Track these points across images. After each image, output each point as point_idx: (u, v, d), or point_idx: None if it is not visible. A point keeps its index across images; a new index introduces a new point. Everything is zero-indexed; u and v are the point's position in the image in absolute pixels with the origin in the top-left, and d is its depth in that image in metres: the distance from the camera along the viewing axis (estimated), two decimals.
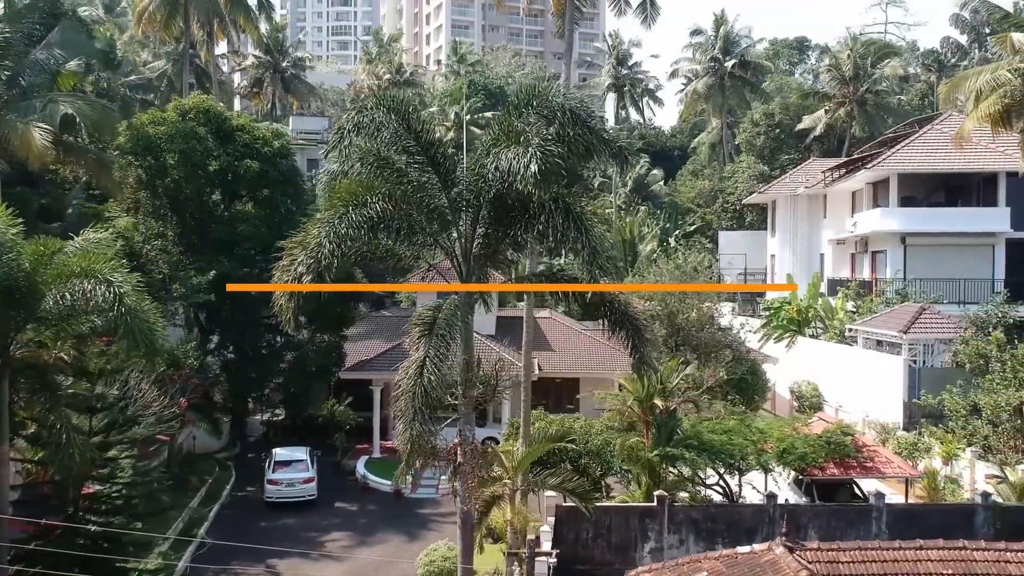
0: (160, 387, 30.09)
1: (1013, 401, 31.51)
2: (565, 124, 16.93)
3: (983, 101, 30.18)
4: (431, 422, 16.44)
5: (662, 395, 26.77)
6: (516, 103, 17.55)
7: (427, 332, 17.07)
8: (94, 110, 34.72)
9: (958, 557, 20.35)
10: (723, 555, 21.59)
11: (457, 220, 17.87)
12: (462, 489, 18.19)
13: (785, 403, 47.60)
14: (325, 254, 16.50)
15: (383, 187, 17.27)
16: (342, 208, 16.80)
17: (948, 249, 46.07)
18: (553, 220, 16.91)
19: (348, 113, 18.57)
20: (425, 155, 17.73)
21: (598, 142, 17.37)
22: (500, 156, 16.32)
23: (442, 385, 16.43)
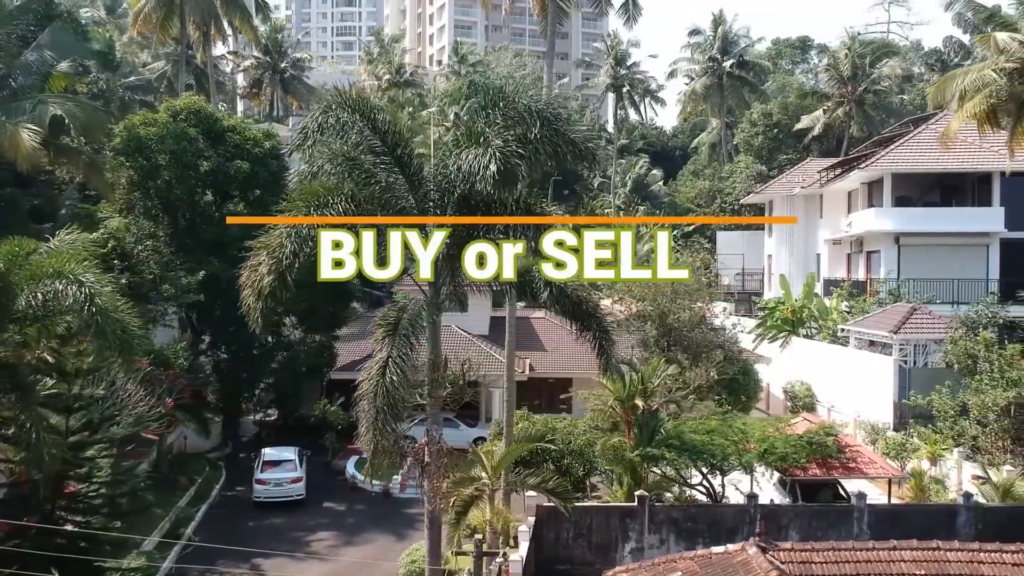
0: (147, 387, 30.26)
1: (1000, 401, 31.42)
2: (532, 125, 16.94)
3: (969, 101, 30.13)
4: (394, 422, 16.47)
5: (643, 395, 26.77)
6: (483, 104, 17.58)
7: (391, 332, 17.14)
8: (84, 111, 34.88)
9: (931, 558, 20.33)
10: (698, 555, 21.62)
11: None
12: (429, 489, 18.23)
13: (780, 403, 47.52)
14: (287, 254, 16.58)
15: (350, 188, 17.29)
16: (304, 209, 16.88)
17: (942, 249, 45.97)
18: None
19: (312, 113, 18.64)
20: (392, 155, 17.80)
21: (565, 143, 17.38)
22: (462, 157, 16.38)
23: (405, 385, 16.48)
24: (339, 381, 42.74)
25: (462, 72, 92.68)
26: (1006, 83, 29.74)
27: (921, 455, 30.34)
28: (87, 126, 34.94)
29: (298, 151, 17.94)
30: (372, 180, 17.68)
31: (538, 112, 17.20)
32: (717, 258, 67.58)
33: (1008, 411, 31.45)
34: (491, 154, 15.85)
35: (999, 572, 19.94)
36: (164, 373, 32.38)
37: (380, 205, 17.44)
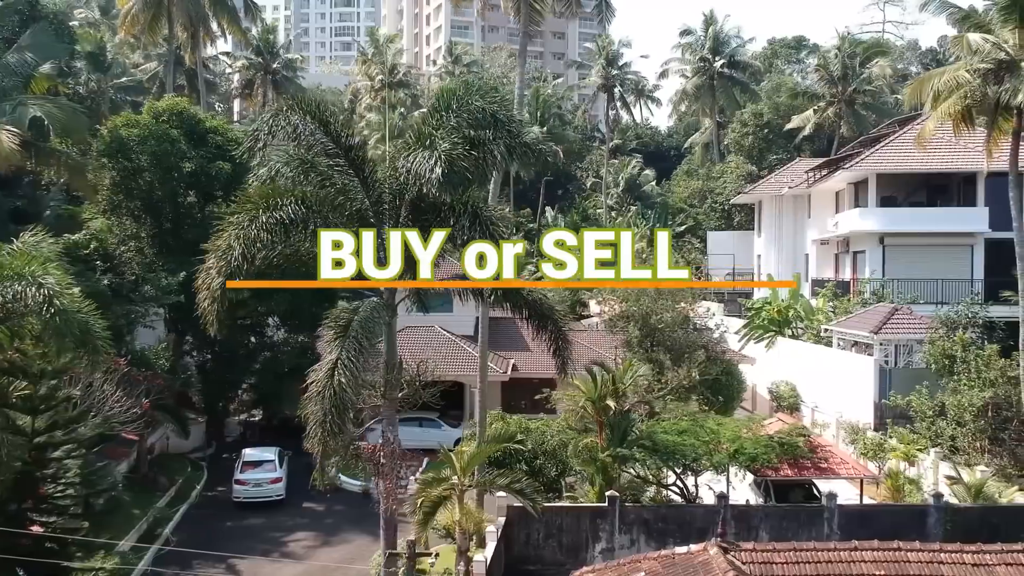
0: (125, 388, 30.37)
1: (977, 402, 31.48)
2: (486, 128, 17.01)
3: (944, 101, 30.13)
4: (342, 424, 16.54)
5: (614, 396, 26.83)
6: (437, 106, 17.65)
7: (341, 334, 17.22)
8: (64, 113, 35.00)
9: (892, 558, 20.41)
10: (662, 555, 21.71)
11: (381, 223, 17.99)
12: (383, 489, 18.31)
13: (766, 403, 47.60)
14: (235, 256, 16.66)
15: (304, 190, 17.38)
16: (252, 211, 16.96)
17: (927, 249, 45.97)
18: (461, 223, 17.05)
19: (263, 116, 18.72)
20: (346, 158, 17.88)
21: (518, 145, 17.44)
22: (409, 159, 16.47)
23: (354, 388, 16.54)
24: None
25: (456, 72, 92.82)
26: (980, 84, 29.74)
27: (897, 455, 30.35)
28: (67, 128, 35.05)
29: (256, 154, 17.94)
30: (328, 183, 17.77)
31: (492, 114, 17.27)
32: (707, 258, 67.75)
33: (985, 411, 31.51)
34: (437, 157, 15.95)
35: (959, 572, 20.04)
36: (142, 374, 32.44)
37: (332, 207, 17.52)
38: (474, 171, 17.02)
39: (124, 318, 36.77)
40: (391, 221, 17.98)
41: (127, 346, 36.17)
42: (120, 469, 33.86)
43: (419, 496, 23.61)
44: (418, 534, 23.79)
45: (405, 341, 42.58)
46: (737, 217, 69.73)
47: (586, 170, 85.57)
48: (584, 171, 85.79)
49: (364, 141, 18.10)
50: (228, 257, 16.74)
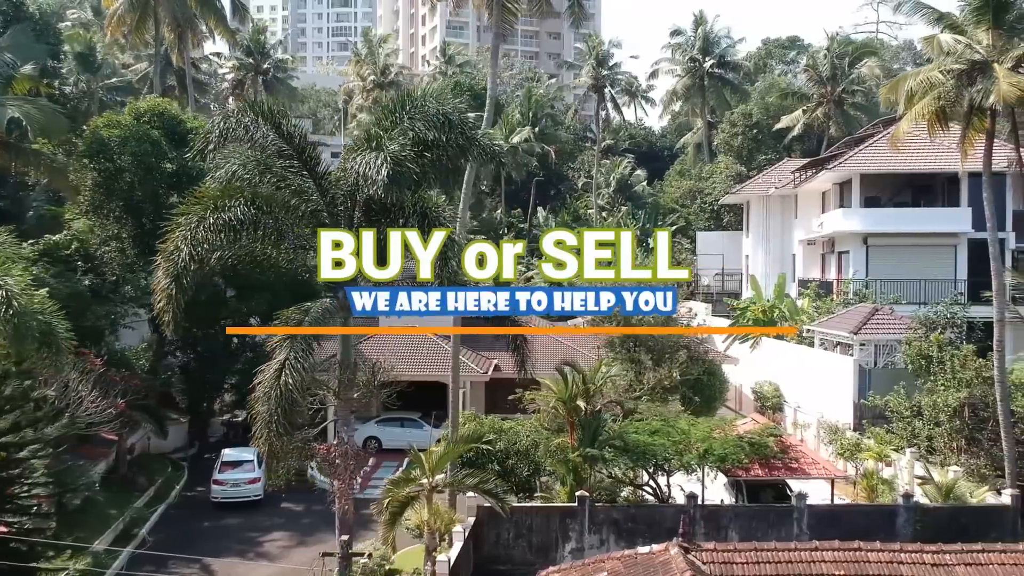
0: (102, 389, 30.47)
1: (952, 402, 31.49)
2: (440, 128, 17.08)
3: (917, 103, 30.11)
4: (289, 425, 16.61)
5: (585, 396, 26.88)
6: (391, 108, 17.73)
7: (290, 335, 17.28)
8: (43, 113, 35.03)
9: (852, 558, 20.51)
10: (625, 555, 21.81)
11: (336, 223, 18.06)
12: (339, 489, 18.38)
13: (751, 403, 47.68)
14: (183, 258, 16.73)
15: (256, 191, 17.43)
16: (200, 212, 17.03)
17: (911, 250, 46.01)
18: (409, 224, 17.12)
19: (215, 119, 18.79)
20: (299, 159, 17.94)
21: (472, 145, 17.51)
22: (357, 161, 16.54)
23: (301, 388, 16.61)
24: None
25: (449, 73, 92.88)
26: (953, 85, 29.73)
27: (869, 455, 30.40)
28: (46, 128, 35.12)
29: (211, 155, 18.01)
30: (284, 184, 17.85)
31: (445, 116, 17.34)
32: (697, 258, 67.81)
33: (961, 412, 31.51)
34: (383, 158, 16.01)
35: (918, 572, 20.14)
36: (119, 374, 32.50)
37: (287, 208, 17.58)
38: (429, 172, 17.11)
39: (104, 319, 36.94)
40: (345, 222, 18.07)
41: (107, 346, 36.31)
42: (98, 469, 33.93)
43: (386, 496, 23.68)
44: (385, 534, 23.88)
45: (384, 341, 42.85)
46: (726, 217, 69.80)
47: (578, 170, 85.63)
48: (576, 171, 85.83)
49: (317, 143, 18.17)
50: (175, 259, 16.82)
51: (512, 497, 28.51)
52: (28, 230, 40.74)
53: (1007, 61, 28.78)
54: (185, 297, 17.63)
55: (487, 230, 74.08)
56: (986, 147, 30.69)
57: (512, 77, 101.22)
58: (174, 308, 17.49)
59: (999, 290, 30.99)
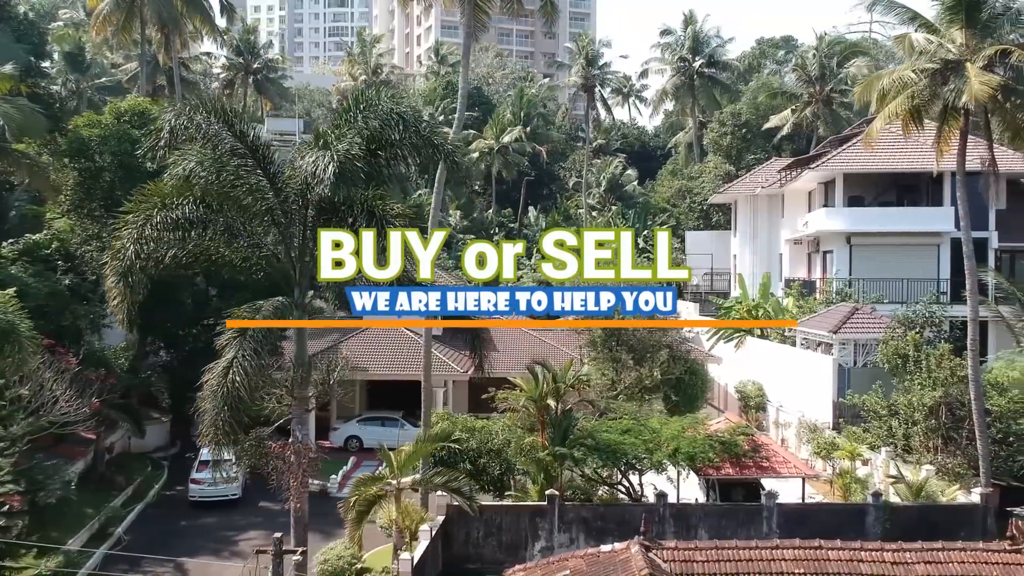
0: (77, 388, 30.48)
1: (928, 401, 31.51)
2: (394, 127, 17.13)
3: (891, 102, 30.15)
4: (235, 422, 16.66)
5: (555, 395, 26.91)
6: (346, 107, 17.78)
7: (240, 333, 17.34)
8: (21, 113, 35.09)
9: (812, 556, 20.60)
10: (588, 554, 21.91)
11: (291, 222, 18.11)
12: (292, 487, 18.43)
13: (736, 403, 47.73)
14: (129, 256, 16.78)
15: (206, 190, 17.47)
16: (147, 211, 17.08)
17: (894, 249, 45.99)
18: (358, 222, 17.17)
19: (163, 117, 18.85)
20: (253, 158, 17.99)
21: (425, 144, 17.57)
22: (306, 160, 16.60)
23: (248, 387, 16.65)
24: None
25: (441, 72, 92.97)
26: (927, 84, 29.75)
27: (841, 454, 30.43)
28: (24, 128, 35.18)
29: (167, 153, 18.06)
30: (240, 182, 17.88)
31: (399, 116, 17.40)
32: (686, 258, 67.82)
33: (936, 411, 31.53)
34: (330, 157, 16.07)
35: (878, 570, 20.21)
36: (95, 373, 32.51)
37: (240, 207, 17.62)
38: (384, 170, 17.18)
39: (84, 318, 36.98)
40: (300, 220, 18.14)
41: (86, 346, 36.31)
42: (75, 469, 33.97)
43: (353, 495, 23.72)
44: (351, 532, 23.92)
45: (366, 340, 42.94)
46: (715, 217, 69.83)
47: (569, 170, 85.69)
48: (567, 171, 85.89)
49: (270, 142, 18.25)
50: (121, 257, 16.87)
51: (485, 496, 28.62)
52: (10, 229, 40.88)
53: (979, 60, 28.79)
54: (139, 296, 17.69)
55: (478, 229, 74.16)
56: (959, 147, 30.69)
57: (505, 77, 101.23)
58: (128, 306, 17.54)
59: (973, 289, 31.04)
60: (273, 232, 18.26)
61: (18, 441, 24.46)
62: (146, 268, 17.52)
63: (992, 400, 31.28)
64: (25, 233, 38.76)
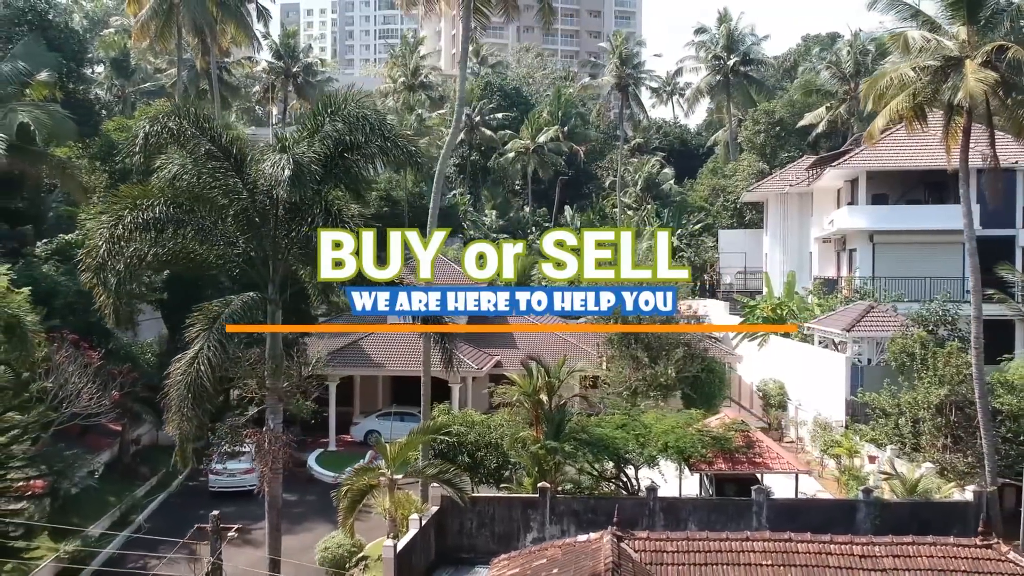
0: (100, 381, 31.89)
1: (933, 399, 31.43)
2: (360, 131, 17.90)
3: (891, 100, 30.19)
4: (199, 410, 17.55)
5: (548, 390, 27.50)
6: (317, 111, 18.59)
7: (208, 326, 18.24)
8: (52, 119, 36.66)
9: (781, 548, 20.96)
10: (565, 543, 22.55)
11: (265, 220, 18.97)
12: (268, 473, 19.30)
13: (759, 401, 47.84)
14: (101, 254, 17.75)
15: (179, 190, 18.38)
16: (119, 212, 18.05)
17: (918, 247, 45.71)
18: (316, 222, 17.96)
19: (139, 123, 19.84)
20: (228, 161, 18.89)
21: (393, 147, 18.31)
22: (267, 163, 17.43)
23: (212, 379, 17.52)
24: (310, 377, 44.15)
25: (481, 73, 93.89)
26: (928, 81, 29.71)
27: (840, 451, 30.53)
28: (54, 133, 36.74)
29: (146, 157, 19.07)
30: (216, 183, 18.80)
31: (364, 119, 18.17)
32: (719, 256, 67.80)
33: (942, 409, 31.42)
34: (286, 160, 16.88)
35: (846, 563, 20.51)
36: (118, 368, 33.86)
37: (213, 208, 18.53)
38: (353, 170, 17.96)
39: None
40: (272, 219, 19.01)
41: (114, 341, 37.79)
42: (101, 459, 35.44)
43: (345, 485, 24.59)
44: (343, 521, 24.79)
45: (387, 337, 43.87)
46: (749, 215, 69.61)
47: (606, 169, 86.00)
48: (604, 170, 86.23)
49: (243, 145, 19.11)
50: (94, 255, 17.88)
51: (484, 488, 29.35)
52: (46, 230, 42.57)
53: (978, 56, 28.70)
54: (122, 291, 18.68)
55: (514, 229, 74.92)
56: (962, 144, 30.58)
57: (545, 76, 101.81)
58: (114, 301, 18.56)
59: (976, 287, 30.99)
60: (246, 230, 19.15)
61: (31, 428, 25.68)
62: (130, 265, 18.53)
63: (1002, 399, 31.13)
64: (60, 233, 40.35)
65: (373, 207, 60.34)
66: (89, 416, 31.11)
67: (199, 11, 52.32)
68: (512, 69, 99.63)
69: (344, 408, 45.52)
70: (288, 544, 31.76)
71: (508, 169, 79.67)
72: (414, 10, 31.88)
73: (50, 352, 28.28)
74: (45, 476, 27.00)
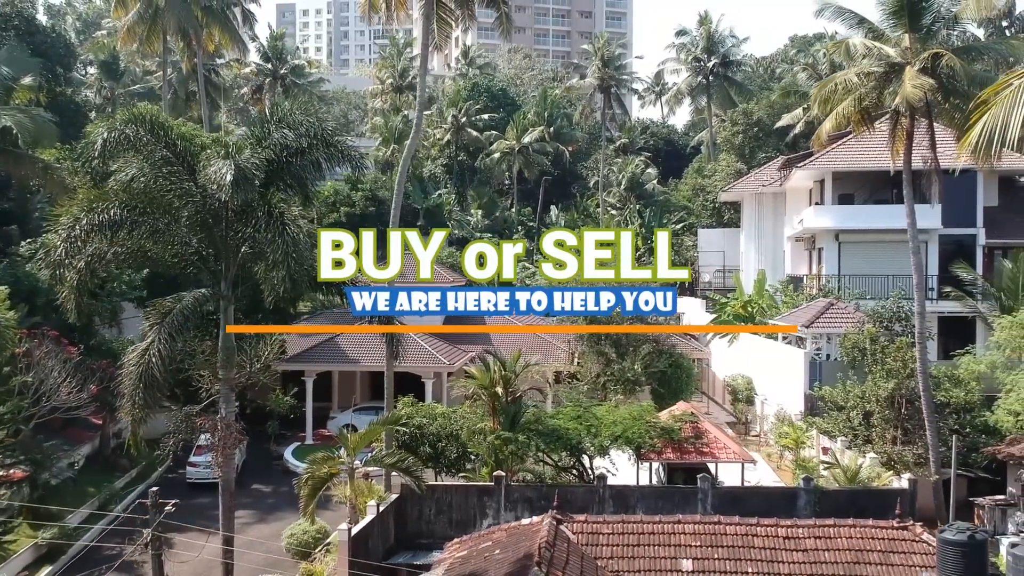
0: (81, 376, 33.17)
1: (882, 392, 32.63)
2: (305, 137, 19.11)
3: (839, 104, 31.40)
4: (150, 399, 18.76)
5: (504, 383, 28.69)
6: (267, 118, 19.79)
7: (159, 321, 19.46)
8: (35, 122, 37.86)
9: (710, 530, 22.31)
10: (511, 527, 23.97)
11: (218, 221, 20.16)
12: (222, 459, 20.51)
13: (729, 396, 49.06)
14: (60, 254, 18.96)
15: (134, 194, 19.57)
16: (76, 214, 19.25)
17: (881, 246, 46.80)
18: (258, 223, 19.15)
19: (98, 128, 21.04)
20: (182, 165, 20.09)
21: (335, 151, 19.52)
22: (211, 168, 18.62)
23: (163, 371, 18.73)
24: (293, 372, 45.42)
25: (469, 74, 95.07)
26: (873, 87, 30.92)
27: (787, 442, 31.73)
28: (36, 136, 37.90)
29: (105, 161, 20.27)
30: (171, 187, 19.99)
31: (310, 125, 19.38)
32: (699, 255, 68.96)
33: (892, 402, 32.63)
34: (228, 165, 18.07)
35: (770, 544, 21.84)
36: (96, 363, 35.07)
37: (167, 211, 19.72)
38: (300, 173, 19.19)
39: (96, 312, 39.65)
40: (225, 220, 20.21)
41: (96, 338, 39.00)
42: (82, 451, 36.63)
43: (306, 473, 25.79)
44: (304, 507, 25.98)
45: (363, 333, 44.99)
46: (727, 215, 70.78)
47: (591, 169, 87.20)
48: (589, 170, 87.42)
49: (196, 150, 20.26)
50: (52, 255, 19.09)
51: (446, 477, 30.57)
52: (31, 230, 43.75)
53: (917, 63, 29.89)
54: (83, 288, 19.85)
55: (499, 228, 76.11)
56: (906, 147, 31.84)
57: (533, 77, 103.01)
58: (76, 298, 19.75)
59: (920, 284, 32.26)
60: (199, 231, 20.36)
61: (7, 420, 26.86)
62: (90, 264, 19.73)
63: (949, 392, 32.35)
64: (44, 233, 41.51)
65: (359, 207, 61.78)
66: (69, 409, 32.40)
67: (184, 15, 53.53)
68: (501, 70, 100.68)
69: (323, 403, 46.77)
70: (260, 532, 33.12)
71: (494, 169, 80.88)
72: (376, 16, 33.07)
73: (31, 347, 29.46)
74: (22, 464, 28.13)
